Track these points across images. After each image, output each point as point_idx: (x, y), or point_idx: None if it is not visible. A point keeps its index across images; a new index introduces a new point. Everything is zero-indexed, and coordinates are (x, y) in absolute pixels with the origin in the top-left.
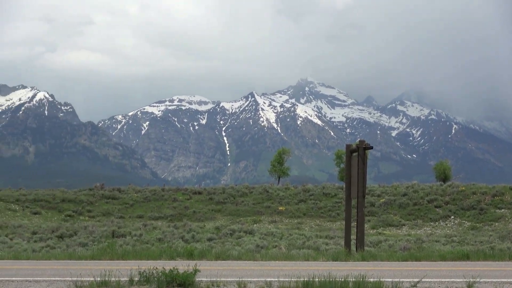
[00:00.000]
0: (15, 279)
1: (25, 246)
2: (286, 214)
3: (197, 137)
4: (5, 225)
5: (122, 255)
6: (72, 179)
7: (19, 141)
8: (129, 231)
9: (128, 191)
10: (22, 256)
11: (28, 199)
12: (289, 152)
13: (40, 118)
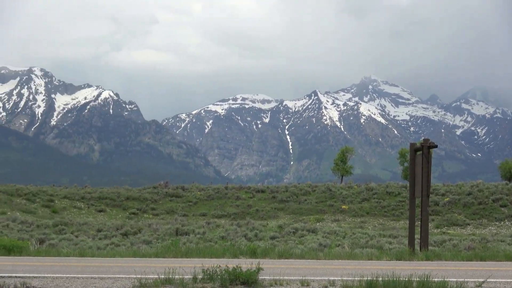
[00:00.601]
0: (81, 276)
1: (90, 244)
2: (349, 212)
3: (260, 135)
4: (71, 223)
5: (185, 253)
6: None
7: (84, 139)
8: (192, 229)
9: (192, 189)
10: (88, 254)
11: (93, 197)
12: (352, 151)
13: (105, 116)
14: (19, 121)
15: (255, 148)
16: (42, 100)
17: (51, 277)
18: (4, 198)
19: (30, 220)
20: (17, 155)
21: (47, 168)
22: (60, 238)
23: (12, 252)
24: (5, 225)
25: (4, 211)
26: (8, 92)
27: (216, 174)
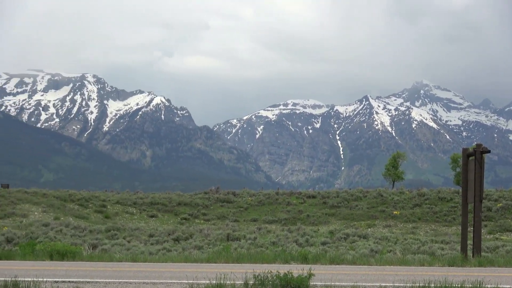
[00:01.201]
0: (133, 281)
1: (142, 249)
2: (400, 218)
3: (311, 140)
4: (123, 228)
5: (237, 258)
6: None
7: (136, 145)
8: (243, 235)
9: (243, 194)
10: (140, 259)
11: (145, 202)
12: (404, 156)
13: (157, 122)
14: (72, 127)
15: (306, 154)
16: (95, 106)
17: (103, 282)
18: (58, 204)
19: (83, 225)
20: (70, 161)
21: (100, 173)
22: (113, 243)
23: (65, 257)
24: (59, 230)
25: (57, 217)
26: (62, 99)
27: (267, 180)
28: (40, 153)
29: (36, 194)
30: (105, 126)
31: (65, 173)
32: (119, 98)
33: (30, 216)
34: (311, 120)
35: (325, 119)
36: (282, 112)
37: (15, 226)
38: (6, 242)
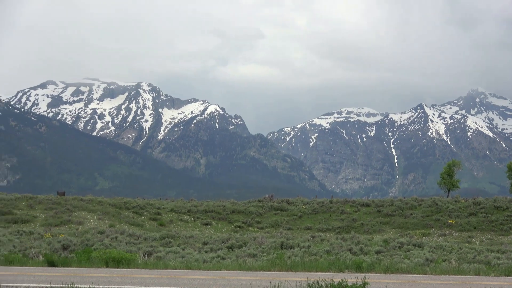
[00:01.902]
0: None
1: (197, 256)
2: (456, 227)
3: (365, 149)
4: (177, 236)
5: (291, 267)
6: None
7: (190, 153)
8: (297, 243)
9: (297, 203)
10: (194, 266)
11: (199, 210)
12: (459, 165)
13: (211, 130)
14: (127, 135)
15: (360, 162)
16: (150, 115)
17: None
18: (113, 211)
19: (137, 232)
20: (125, 169)
21: (154, 181)
22: (167, 251)
23: (121, 264)
24: (114, 238)
25: (112, 224)
26: (117, 107)
27: (320, 188)
28: (96, 161)
29: (91, 202)
30: (159, 135)
31: (120, 181)
32: (174, 107)
33: (85, 223)
34: (365, 128)
35: (380, 127)
36: (336, 120)
37: (71, 233)
38: (62, 249)
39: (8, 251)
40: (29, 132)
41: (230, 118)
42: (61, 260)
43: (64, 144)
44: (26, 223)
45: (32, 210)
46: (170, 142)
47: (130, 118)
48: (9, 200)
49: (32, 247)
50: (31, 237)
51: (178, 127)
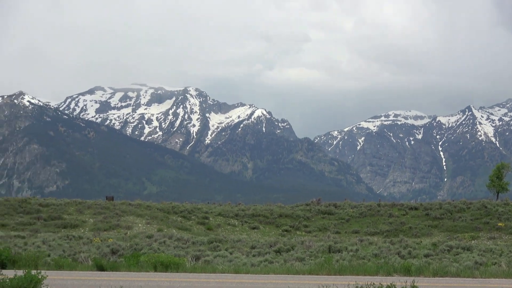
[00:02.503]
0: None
1: (245, 260)
2: (505, 230)
3: (413, 152)
4: (225, 240)
5: (339, 270)
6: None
7: (238, 157)
8: (345, 246)
9: (344, 206)
10: (242, 270)
11: (247, 214)
12: (509, 167)
13: (258, 134)
14: (175, 140)
15: (408, 165)
16: (197, 119)
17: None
18: (161, 216)
19: (185, 237)
20: (173, 174)
21: (202, 185)
22: (215, 255)
23: (169, 268)
24: (162, 242)
25: (161, 228)
26: (164, 112)
27: (368, 191)
28: (144, 166)
29: (140, 206)
30: (207, 139)
31: (168, 185)
32: (221, 111)
33: (134, 228)
34: (413, 131)
35: (427, 130)
36: (383, 123)
37: (119, 238)
38: (111, 253)
39: (58, 256)
40: (78, 137)
41: (277, 122)
42: (110, 264)
43: (112, 149)
44: (75, 228)
45: (81, 215)
46: (217, 146)
47: (178, 123)
48: (58, 205)
49: (81, 251)
50: (80, 241)
51: (225, 131)
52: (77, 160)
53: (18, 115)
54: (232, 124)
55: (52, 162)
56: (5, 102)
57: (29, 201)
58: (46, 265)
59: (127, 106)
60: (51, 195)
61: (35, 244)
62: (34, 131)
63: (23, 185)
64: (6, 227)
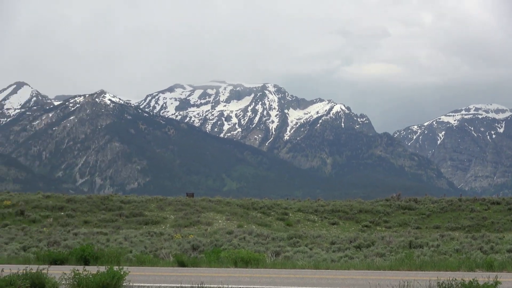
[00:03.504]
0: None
1: (324, 256)
2: None
3: (494, 146)
4: (305, 235)
5: (420, 266)
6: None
7: (317, 153)
8: (426, 242)
9: (425, 201)
10: (322, 266)
11: (326, 210)
12: None
13: (337, 130)
14: (254, 136)
15: (490, 159)
16: (276, 116)
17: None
18: (241, 212)
19: (265, 232)
20: (252, 170)
21: (281, 181)
22: (295, 251)
23: (249, 264)
24: (242, 238)
25: (241, 224)
26: (243, 109)
27: (449, 186)
28: (223, 163)
29: (220, 203)
30: (286, 135)
31: (247, 181)
32: (300, 107)
33: (214, 224)
34: (494, 125)
35: (509, 123)
36: (464, 117)
37: (200, 234)
38: (192, 249)
39: (140, 252)
40: (158, 135)
41: (356, 117)
42: (191, 260)
43: (192, 146)
44: (156, 224)
45: (162, 212)
46: (296, 142)
47: (257, 119)
48: (140, 202)
49: (163, 247)
50: (162, 238)
51: (304, 127)
52: (158, 158)
53: (99, 114)
54: (311, 119)
55: (133, 160)
56: (87, 101)
57: (111, 198)
58: (128, 261)
59: (206, 103)
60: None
61: (117, 241)
62: (115, 129)
63: (105, 183)
64: (89, 224)
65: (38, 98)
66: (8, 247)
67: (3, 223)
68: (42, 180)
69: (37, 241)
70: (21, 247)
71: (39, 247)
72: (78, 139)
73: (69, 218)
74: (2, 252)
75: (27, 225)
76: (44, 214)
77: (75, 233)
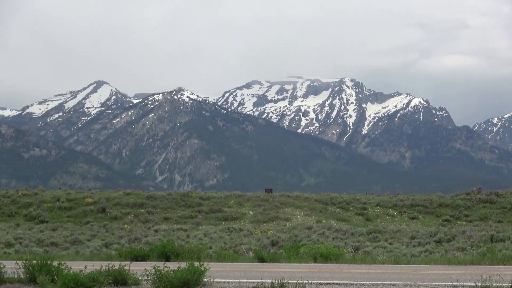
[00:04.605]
0: (397, 283)
1: (404, 251)
2: None
3: None
4: (384, 230)
5: (502, 260)
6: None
7: (395, 147)
8: (508, 236)
9: (506, 195)
10: (402, 261)
11: (405, 205)
12: None
13: (415, 123)
14: (332, 131)
15: None
16: (353, 110)
17: (367, 284)
18: (319, 207)
19: (344, 228)
20: (330, 165)
21: (359, 176)
22: (374, 246)
23: (329, 259)
24: (321, 233)
25: (319, 219)
26: (321, 104)
27: None
28: (301, 158)
29: (298, 198)
30: (363, 129)
31: (325, 176)
32: (377, 101)
33: (293, 219)
34: None
35: None
36: None
37: (279, 230)
38: (271, 245)
39: (220, 248)
40: (236, 131)
41: (435, 110)
42: (270, 256)
43: (270, 142)
44: (235, 220)
45: (241, 208)
46: (374, 136)
47: (334, 114)
48: (219, 198)
49: (242, 243)
50: (241, 233)
51: (382, 121)
52: (236, 154)
53: (178, 111)
54: (389, 113)
55: (212, 156)
56: (165, 99)
57: (191, 195)
58: (208, 257)
59: (283, 99)
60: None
61: (197, 237)
62: (194, 126)
63: (184, 179)
64: (169, 221)
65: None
66: (91, 244)
67: (85, 220)
68: (122, 178)
69: (119, 238)
70: (103, 244)
71: (121, 243)
72: (157, 137)
73: (150, 215)
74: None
75: (108, 222)
76: (125, 211)
77: (155, 230)
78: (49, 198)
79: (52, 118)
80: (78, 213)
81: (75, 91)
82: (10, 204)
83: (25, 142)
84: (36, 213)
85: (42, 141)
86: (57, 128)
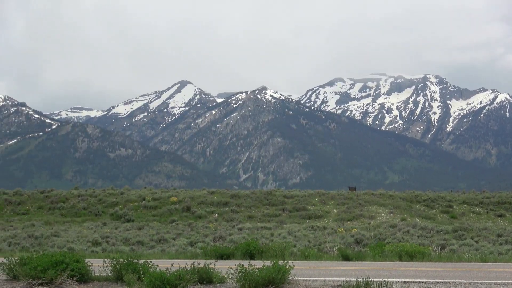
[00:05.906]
0: (484, 281)
1: (491, 249)
2: None
3: None
4: (470, 228)
5: None
6: None
7: (481, 144)
8: None
9: None
10: (489, 259)
11: (492, 202)
12: None
13: (502, 120)
14: (416, 128)
15: None
16: (438, 107)
17: (453, 283)
18: (404, 205)
19: (429, 226)
20: (415, 162)
21: (444, 173)
22: (460, 244)
23: (414, 257)
24: (406, 231)
25: (404, 217)
26: (404, 101)
27: None
28: (385, 155)
29: (382, 196)
30: (448, 126)
31: (409, 174)
32: (462, 97)
33: (377, 217)
34: None
35: None
36: None
37: (363, 228)
38: (355, 243)
39: (304, 246)
40: (319, 129)
41: None
42: (355, 254)
43: (353, 139)
44: (319, 219)
45: (325, 206)
46: (459, 133)
47: (418, 111)
48: (302, 196)
49: (326, 241)
50: (325, 232)
51: (467, 118)
52: (319, 152)
53: (261, 110)
54: (474, 110)
55: (295, 155)
56: (249, 98)
57: (274, 193)
58: (293, 256)
59: (366, 96)
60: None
61: (281, 235)
62: (277, 125)
63: (267, 178)
64: (253, 219)
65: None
66: (176, 242)
67: (170, 219)
68: (206, 177)
69: (203, 236)
70: (188, 242)
71: (206, 242)
72: (241, 136)
73: (234, 214)
74: (171, 247)
75: (193, 221)
76: (209, 210)
77: (239, 228)
78: (134, 197)
79: (137, 118)
80: (163, 212)
81: (160, 91)
82: (97, 204)
83: (111, 142)
84: (122, 212)
85: (127, 141)
86: (142, 128)
